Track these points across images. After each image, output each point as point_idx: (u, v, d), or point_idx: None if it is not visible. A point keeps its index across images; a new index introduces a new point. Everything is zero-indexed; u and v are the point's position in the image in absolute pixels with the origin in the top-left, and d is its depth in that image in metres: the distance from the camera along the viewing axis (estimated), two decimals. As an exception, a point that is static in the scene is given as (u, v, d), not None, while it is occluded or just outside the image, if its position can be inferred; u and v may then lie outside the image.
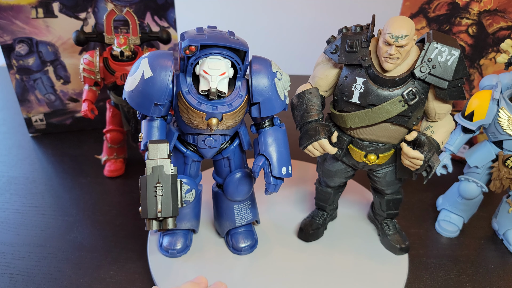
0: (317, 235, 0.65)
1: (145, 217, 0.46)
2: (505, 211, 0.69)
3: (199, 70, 0.47)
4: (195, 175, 0.59)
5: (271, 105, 0.52)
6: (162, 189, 0.46)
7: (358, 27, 0.51)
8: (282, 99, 0.52)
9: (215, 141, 0.52)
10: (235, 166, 0.58)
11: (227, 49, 0.47)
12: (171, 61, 0.48)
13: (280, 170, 0.53)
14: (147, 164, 0.46)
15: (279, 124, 0.55)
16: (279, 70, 0.52)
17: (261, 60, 0.52)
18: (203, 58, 0.46)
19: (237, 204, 0.61)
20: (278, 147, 0.54)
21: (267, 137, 0.54)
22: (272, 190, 0.54)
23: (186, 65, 0.47)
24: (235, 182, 0.58)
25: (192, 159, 0.56)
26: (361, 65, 0.50)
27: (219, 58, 0.46)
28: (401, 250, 0.62)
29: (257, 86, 0.50)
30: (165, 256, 0.60)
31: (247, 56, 0.48)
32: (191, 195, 0.57)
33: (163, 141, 0.48)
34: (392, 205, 0.63)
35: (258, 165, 0.53)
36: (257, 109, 0.52)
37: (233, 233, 0.63)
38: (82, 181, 0.81)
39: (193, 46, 0.45)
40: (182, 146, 0.55)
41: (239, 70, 0.49)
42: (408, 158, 0.51)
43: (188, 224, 0.61)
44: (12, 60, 0.87)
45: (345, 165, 0.60)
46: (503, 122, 0.61)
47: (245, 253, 0.62)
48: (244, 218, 0.62)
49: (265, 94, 0.51)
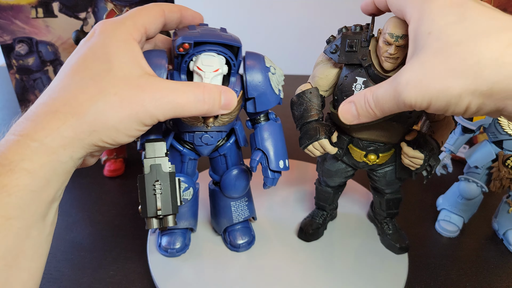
0: (317, 235, 0.65)
1: (145, 215, 0.46)
2: (505, 211, 0.69)
3: (193, 67, 0.47)
4: (192, 173, 0.59)
5: (266, 100, 0.52)
6: (161, 187, 0.46)
7: (358, 26, 0.51)
8: (277, 93, 0.53)
9: (212, 138, 0.53)
10: (231, 163, 0.59)
11: (221, 46, 0.47)
12: (165, 59, 0.48)
13: (278, 163, 0.54)
14: (145, 163, 0.47)
15: (275, 119, 0.56)
16: (272, 64, 0.53)
17: (254, 55, 0.52)
18: (197, 55, 0.46)
19: (234, 201, 0.62)
20: (275, 141, 0.54)
21: (263, 131, 0.55)
22: (271, 183, 0.55)
23: (180, 62, 0.48)
24: (232, 179, 0.58)
25: (189, 157, 0.56)
26: (361, 65, 0.50)
27: (213, 55, 0.47)
28: (400, 250, 0.62)
29: (252, 81, 0.51)
30: (164, 255, 0.60)
31: (240, 52, 0.49)
32: (189, 193, 0.58)
33: (160, 139, 0.48)
34: (392, 204, 0.63)
35: (255, 160, 0.54)
36: (252, 104, 0.53)
37: (230, 230, 0.63)
38: (82, 181, 0.81)
39: (186, 43, 0.45)
40: (178, 145, 0.55)
41: (233, 66, 0.49)
42: (408, 158, 0.51)
43: (186, 223, 0.61)
44: (12, 60, 0.87)
45: (345, 164, 0.60)
46: (503, 122, 0.61)
47: (243, 249, 0.62)
48: (241, 215, 0.63)
49: (259, 89, 0.51)
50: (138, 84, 0.38)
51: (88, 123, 0.36)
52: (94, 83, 0.37)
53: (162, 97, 0.39)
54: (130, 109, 0.37)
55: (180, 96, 0.40)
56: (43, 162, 0.34)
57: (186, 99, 0.40)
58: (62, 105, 0.36)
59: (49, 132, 0.35)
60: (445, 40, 0.35)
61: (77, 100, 0.36)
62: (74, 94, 0.36)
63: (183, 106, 0.40)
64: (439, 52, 0.35)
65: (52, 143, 0.34)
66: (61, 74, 0.39)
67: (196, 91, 0.41)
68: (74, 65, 0.38)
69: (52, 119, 0.35)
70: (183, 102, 0.40)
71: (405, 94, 0.37)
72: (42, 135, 0.34)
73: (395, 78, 0.39)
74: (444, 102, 0.35)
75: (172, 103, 0.39)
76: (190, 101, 0.40)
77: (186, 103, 0.40)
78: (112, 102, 0.37)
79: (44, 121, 0.35)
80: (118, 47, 0.39)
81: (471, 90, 0.34)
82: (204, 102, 0.41)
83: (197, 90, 0.41)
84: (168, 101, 0.39)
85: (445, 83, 0.35)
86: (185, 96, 0.40)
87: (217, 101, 0.43)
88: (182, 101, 0.40)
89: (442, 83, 0.35)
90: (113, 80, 0.37)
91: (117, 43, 0.39)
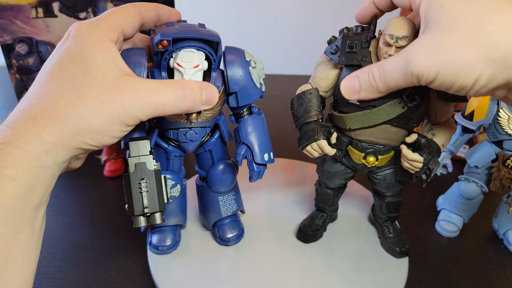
0: (316, 236, 0.65)
1: (132, 214, 0.46)
2: (505, 211, 0.69)
3: (173, 64, 0.47)
4: (178, 170, 0.60)
5: (248, 94, 0.53)
6: (147, 185, 0.46)
7: (359, 27, 0.51)
8: (258, 86, 0.53)
9: (196, 134, 0.53)
10: (217, 158, 0.59)
11: (200, 41, 0.47)
12: (144, 57, 0.48)
13: (263, 156, 0.55)
14: (130, 162, 0.47)
15: (258, 112, 0.56)
16: (252, 58, 0.53)
17: (234, 50, 0.52)
18: (176, 52, 0.47)
19: (221, 195, 0.62)
20: (259, 135, 0.55)
21: (247, 125, 0.55)
22: (256, 177, 0.55)
23: (160, 60, 0.48)
24: (218, 174, 0.59)
25: (174, 154, 0.57)
26: (361, 66, 0.50)
27: (192, 51, 0.47)
28: (400, 253, 0.62)
29: (233, 76, 0.51)
30: (156, 253, 0.61)
31: (219, 47, 0.49)
32: (177, 190, 0.58)
33: (144, 138, 0.48)
34: (392, 207, 0.62)
35: (240, 154, 0.54)
36: (234, 99, 0.53)
37: (219, 225, 0.64)
38: (82, 181, 0.81)
39: (165, 40, 0.45)
40: (163, 142, 0.56)
41: (213, 61, 0.49)
42: (407, 161, 0.51)
43: (175, 220, 0.61)
44: (12, 60, 0.87)
45: (345, 166, 0.59)
46: (503, 122, 0.61)
47: (233, 243, 0.63)
48: (230, 209, 0.63)
49: (241, 83, 0.52)
50: (117, 86, 0.38)
51: (70, 127, 0.36)
52: (73, 87, 0.37)
53: (142, 98, 0.38)
54: (111, 111, 0.37)
55: (160, 96, 0.39)
56: (26, 168, 0.34)
57: (166, 98, 0.40)
58: (42, 111, 0.35)
59: (30, 138, 0.34)
60: (458, 12, 0.35)
61: (57, 105, 0.36)
62: (53, 99, 0.36)
63: (164, 105, 0.40)
64: (452, 23, 0.35)
65: (34, 149, 0.34)
66: (39, 79, 0.38)
67: (176, 89, 0.41)
68: (51, 69, 0.38)
69: (33, 125, 0.35)
70: (164, 101, 0.40)
71: (414, 63, 0.36)
72: (24, 142, 0.34)
73: (405, 49, 0.38)
74: (453, 72, 0.35)
75: (153, 103, 0.39)
76: (171, 100, 0.40)
77: (166, 101, 0.40)
78: (92, 106, 0.36)
79: (25, 127, 0.35)
80: (94, 49, 0.38)
81: (484, 59, 0.33)
82: (185, 100, 0.41)
83: (177, 88, 0.41)
84: (148, 101, 0.39)
85: (456, 52, 0.34)
86: (165, 95, 0.40)
87: (198, 97, 0.42)
88: (163, 100, 0.40)
89: (453, 53, 0.34)
90: (91, 83, 0.37)
91: (93, 44, 0.39)
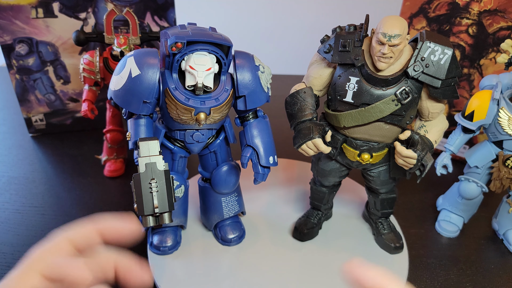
0: (311, 235, 0.65)
1: (142, 214, 0.46)
2: (505, 211, 0.69)
3: (185, 66, 0.48)
4: (182, 171, 0.60)
5: (256, 98, 0.54)
6: (157, 185, 0.46)
7: (351, 26, 0.52)
8: (266, 91, 0.54)
9: (203, 135, 0.54)
10: (221, 159, 0.60)
11: (212, 45, 0.48)
12: (157, 59, 0.49)
13: (268, 159, 0.55)
14: (140, 162, 0.47)
15: (263, 116, 0.57)
16: (261, 63, 0.54)
17: (243, 54, 0.53)
18: (189, 54, 0.47)
19: (224, 196, 0.62)
20: (264, 138, 0.56)
21: (252, 129, 0.56)
22: (261, 179, 0.56)
23: (171, 62, 0.48)
24: (222, 175, 0.60)
25: (179, 155, 0.57)
26: (354, 65, 0.51)
27: (205, 54, 0.48)
28: (395, 249, 0.62)
29: (242, 80, 0.52)
30: (157, 254, 0.61)
31: (230, 51, 0.50)
32: (180, 191, 0.59)
33: (153, 138, 0.48)
34: (386, 204, 0.63)
35: (246, 156, 0.55)
36: (242, 102, 0.54)
37: (221, 226, 0.64)
38: (82, 181, 0.81)
39: (179, 43, 0.45)
40: (169, 143, 0.56)
41: (223, 65, 0.50)
42: (401, 157, 0.51)
43: (177, 221, 0.62)
44: (12, 60, 0.87)
45: (339, 164, 0.60)
46: (503, 122, 0.61)
47: (234, 243, 0.63)
48: (232, 210, 0.64)
49: (250, 87, 0.53)
50: None
51: None
52: None
53: None
54: None
55: None
56: None
57: None
58: None
59: None
60: None
61: None
62: None
63: None
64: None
65: None
66: None
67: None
68: None
69: None
70: None
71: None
72: None
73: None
74: None
75: None
76: None
77: None
78: None
79: None
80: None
81: None
82: None
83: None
84: None
85: None
86: None
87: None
88: None
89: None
90: None
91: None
